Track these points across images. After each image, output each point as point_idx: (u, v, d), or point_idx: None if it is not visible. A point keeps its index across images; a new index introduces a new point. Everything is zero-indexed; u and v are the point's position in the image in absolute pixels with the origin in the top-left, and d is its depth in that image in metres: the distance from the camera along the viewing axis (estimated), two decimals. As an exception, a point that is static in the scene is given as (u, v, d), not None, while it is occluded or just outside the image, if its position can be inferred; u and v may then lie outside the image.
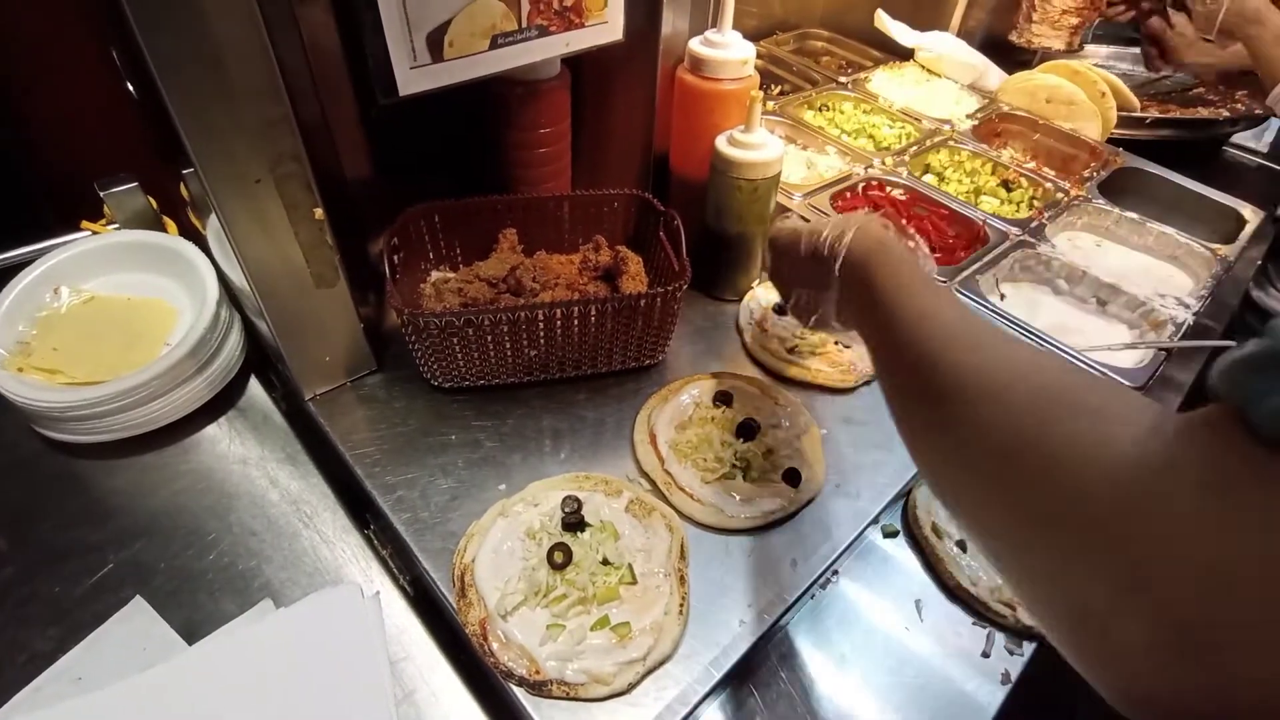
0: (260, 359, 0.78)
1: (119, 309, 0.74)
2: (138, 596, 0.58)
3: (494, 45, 0.60)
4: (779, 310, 0.80)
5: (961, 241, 0.93)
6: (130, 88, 0.63)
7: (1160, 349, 0.76)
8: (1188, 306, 0.84)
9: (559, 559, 0.55)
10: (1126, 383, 0.70)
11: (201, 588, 0.60)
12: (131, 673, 0.53)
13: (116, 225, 0.79)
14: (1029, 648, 0.60)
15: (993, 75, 1.32)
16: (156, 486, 0.67)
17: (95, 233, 0.78)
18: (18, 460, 0.68)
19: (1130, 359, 0.76)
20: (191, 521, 0.64)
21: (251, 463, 0.70)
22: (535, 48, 0.63)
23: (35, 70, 0.86)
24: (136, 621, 0.57)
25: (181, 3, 0.45)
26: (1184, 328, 0.80)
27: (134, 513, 0.65)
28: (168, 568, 0.61)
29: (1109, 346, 0.76)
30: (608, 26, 0.67)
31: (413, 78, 0.57)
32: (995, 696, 0.57)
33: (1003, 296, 0.87)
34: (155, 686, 0.53)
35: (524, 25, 0.60)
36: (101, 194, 0.77)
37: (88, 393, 0.64)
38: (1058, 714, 0.47)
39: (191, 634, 0.56)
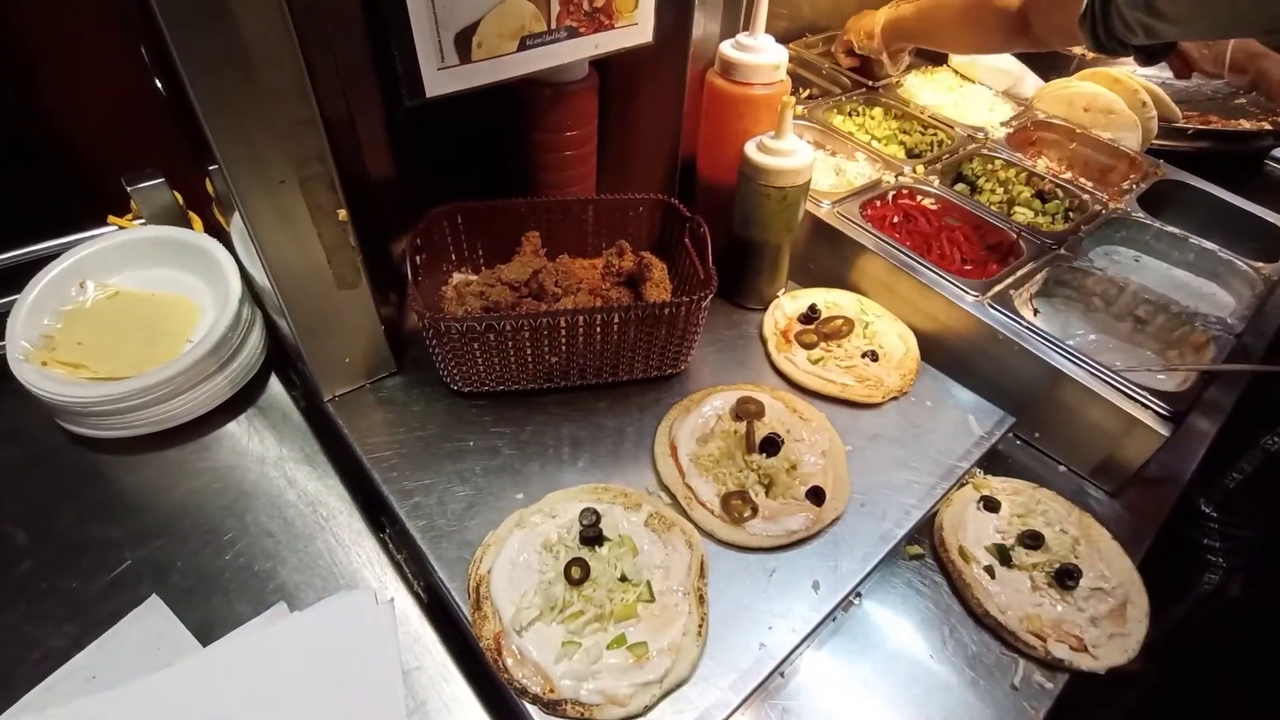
0: (281, 358, 0.78)
1: (143, 304, 0.74)
2: (154, 595, 0.58)
3: (523, 47, 0.59)
4: None
5: (994, 254, 0.90)
6: (158, 84, 0.63)
7: (1203, 372, 0.73)
8: (1230, 327, 0.81)
9: (576, 574, 0.54)
10: (1167, 408, 0.68)
11: (217, 588, 0.59)
12: (145, 672, 0.53)
13: (143, 220, 0.79)
14: (1060, 681, 0.58)
15: (1029, 82, 1.28)
16: (176, 483, 0.67)
17: (121, 228, 0.78)
18: (40, 454, 0.69)
19: (1171, 382, 0.73)
20: (209, 520, 0.64)
21: (270, 462, 0.69)
22: (564, 49, 0.62)
23: (64, 66, 0.87)
24: (152, 621, 0.57)
25: (211, 3, 0.45)
26: (1227, 350, 0.77)
27: (153, 509, 0.65)
28: (185, 566, 0.61)
29: (1148, 369, 0.74)
30: (638, 29, 0.66)
31: (440, 79, 0.56)
32: (1023, 731, 0.55)
33: (1036, 312, 0.84)
34: (168, 687, 0.53)
35: (553, 26, 0.59)
36: (128, 189, 0.77)
37: (110, 388, 0.64)
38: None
39: (206, 635, 0.56)
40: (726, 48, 0.76)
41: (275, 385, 0.77)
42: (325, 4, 0.56)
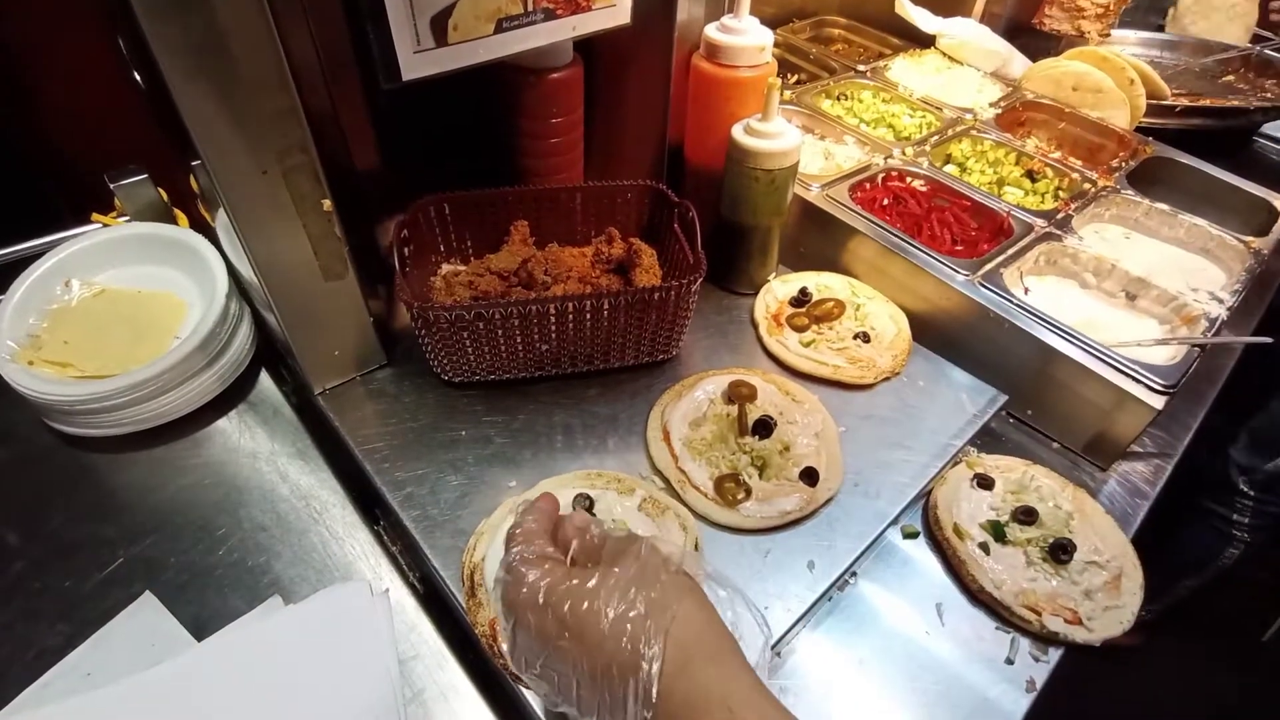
0: (270, 352, 0.78)
1: (129, 302, 0.73)
2: (147, 592, 0.58)
3: (499, 29, 0.58)
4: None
5: (984, 234, 0.90)
6: (137, 78, 0.62)
7: (1194, 345, 0.73)
8: (1221, 301, 0.81)
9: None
10: (1159, 381, 0.68)
11: (211, 583, 0.59)
12: (140, 669, 0.53)
13: (127, 218, 0.78)
14: (1055, 655, 0.58)
15: (1017, 62, 1.28)
16: (166, 481, 0.67)
17: (106, 225, 0.77)
18: (28, 454, 0.68)
19: (1162, 355, 0.73)
20: (201, 516, 0.64)
21: (261, 457, 0.69)
22: (541, 31, 0.61)
23: (45, 63, 0.86)
24: (145, 617, 0.57)
25: (186, -10, 0.44)
26: (1218, 323, 0.77)
27: (144, 507, 0.65)
28: (177, 563, 0.61)
29: (1139, 342, 0.74)
30: (616, 10, 0.65)
31: (416, 62, 0.55)
32: (1019, 705, 0.55)
33: (1027, 290, 0.84)
34: (164, 683, 0.53)
35: (530, 8, 0.59)
36: (112, 186, 0.76)
37: (98, 386, 0.64)
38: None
39: (200, 630, 0.56)
40: (711, 30, 0.75)
41: (265, 381, 0.76)
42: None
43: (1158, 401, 0.67)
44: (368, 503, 0.65)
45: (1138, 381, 0.69)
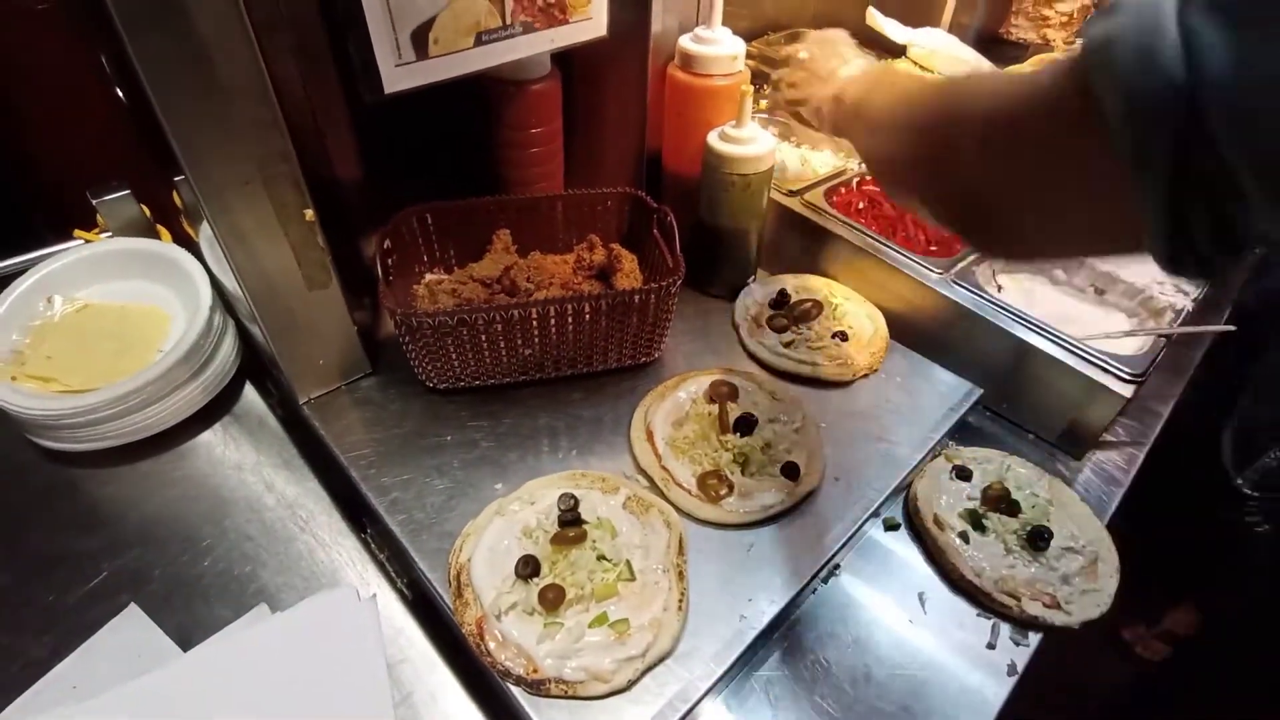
0: (256, 365, 0.78)
1: (112, 317, 0.74)
2: (132, 604, 0.58)
3: (479, 42, 0.60)
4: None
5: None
6: (119, 93, 0.63)
7: (1160, 335, 0.75)
8: (1186, 293, 0.83)
9: (524, 570, 0.54)
10: (1127, 370, 0.70)
11: (197, 594, 0.59)
12: (126, 680, 0.52)
13: (109, 233, 0.79)
14: (1035, 639, 0.59)
15: (985, 70, 1.32)
16: (151, 493, 0.67)
17: (88, 241, 0.78)
18: (12, 469, 0.68)
19: (1130, 346, 0.75)
20: (186, 528, 0.64)
21: (247, 468, 0.69)
22: (520, 44, 0.63)
23: (27, 80, 0.87)
24: (131, 629, 0.57)
25: (167, 5, 0.45)
26: (1183, 314, 0.80)
27: (128, 520, 0.64)
28: (162, 574, 0.60)
29: (1108, 335, 0.76)
30: (592, 23, 0.67)
31: (398, 75, 0.56)
32: (1001, 688, 0.56)
33: (999, 288, 0.86)
34: (150, 693, 0.52)
35: (508, 22, 0.60)
36: (94, 202, 0.77)
37: (82, 400, 0.64)
38: (1065, 706, 0.46)
39: (187, 640, 0.56)
40: (685, 41, 0.77)
41: (250, 393, 0.77)
42: (284, 4, 0.56)
43: (1126, 390, 0.69)
44: (354, 511, 0.65)
45: (1107, 372, 0.70)
